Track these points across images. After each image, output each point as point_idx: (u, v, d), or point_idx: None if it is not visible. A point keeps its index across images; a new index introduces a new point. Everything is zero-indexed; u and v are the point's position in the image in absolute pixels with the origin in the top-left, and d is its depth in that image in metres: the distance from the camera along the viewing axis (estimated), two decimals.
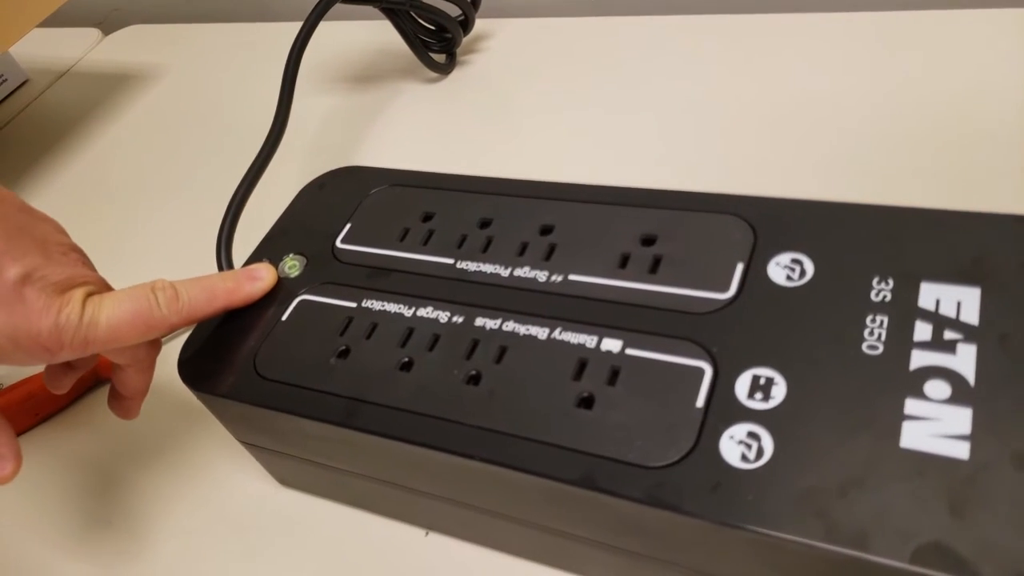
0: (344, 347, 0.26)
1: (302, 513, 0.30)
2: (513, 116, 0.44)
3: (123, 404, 0.29)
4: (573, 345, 0.23)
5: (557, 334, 0.24)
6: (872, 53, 0.40)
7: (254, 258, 0.30)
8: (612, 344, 0.23)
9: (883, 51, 0.40)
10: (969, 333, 0.20)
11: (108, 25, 0.69)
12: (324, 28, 0.45)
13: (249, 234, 0.32)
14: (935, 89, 0.37)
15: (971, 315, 0.20)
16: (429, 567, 0.28)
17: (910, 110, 0.36)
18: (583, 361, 0.23)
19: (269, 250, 0.30)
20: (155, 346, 0.28)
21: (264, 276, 0.28)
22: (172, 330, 0.26)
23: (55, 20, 0.67)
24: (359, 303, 0.27)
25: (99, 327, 0.24)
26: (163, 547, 0.31)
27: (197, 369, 0.27)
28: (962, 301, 0.21)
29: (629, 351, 0.23)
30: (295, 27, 0.42)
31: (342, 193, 0.31)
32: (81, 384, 0.37)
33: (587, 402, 0.22)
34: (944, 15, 0.40)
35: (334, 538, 0.29)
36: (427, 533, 0.29)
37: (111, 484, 0.34)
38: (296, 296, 0.28)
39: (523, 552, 0.27)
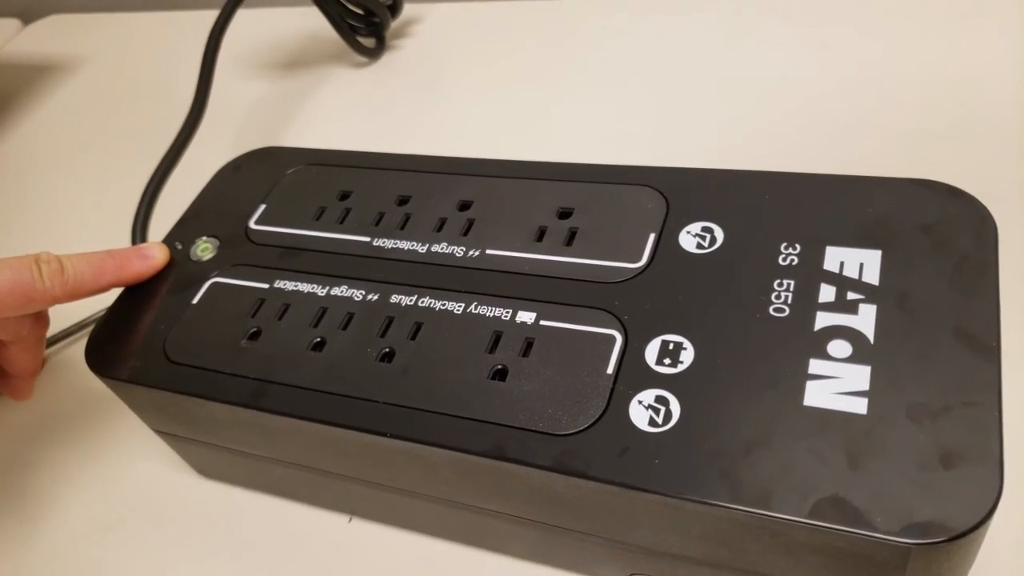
0: (255, 329, 0.25)
1: (223, 504, 0.30)
2: (443, 100, 0.44)
3: (12, 384, 0.28)
4: (488, 318, 0.23)
5: (473, 308, 0.24)
6: (806, 29, 0.40)
7: (167, 241, 0.29)
8: (527, 316, 0.23)
9: (820, 27, 0.40)
10: (870, 293, 0.20)
11: (30, 15, 0.66)
12: (251, 15, 0.44)
13: (171, 220, 0.31)
14: (858, 64, 0.38)
15: (872, 276, 0.21)
16: (353, 553, 0.27)
17: (842, 87, 0.37)
18: (498, 334, 0.23)
19: (182, 233, 0.29)
20: (41, 322, 0.27)
21: (155, 254, 0.27)
22: (54, 303, 0.25)
23: None
24: (271, 284, 0.26)
25: None
26: (81, 545, 0.30)
27: (104, 355, 0.26)
28: (864, 263, 0.21)
29: (543, 322, 0.23)
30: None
31: (258, 174, 0.30)
32: None
33: (501, 374, 0.22)
34: None
35: (257, 528, 0.29)
36: (350, 519, 0.28)
37: (25, 482, 0.32)
38: (208, 279, 0.27)
39: (445, 533, 0.26)
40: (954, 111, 0.34)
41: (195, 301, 0.26)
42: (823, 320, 0.20)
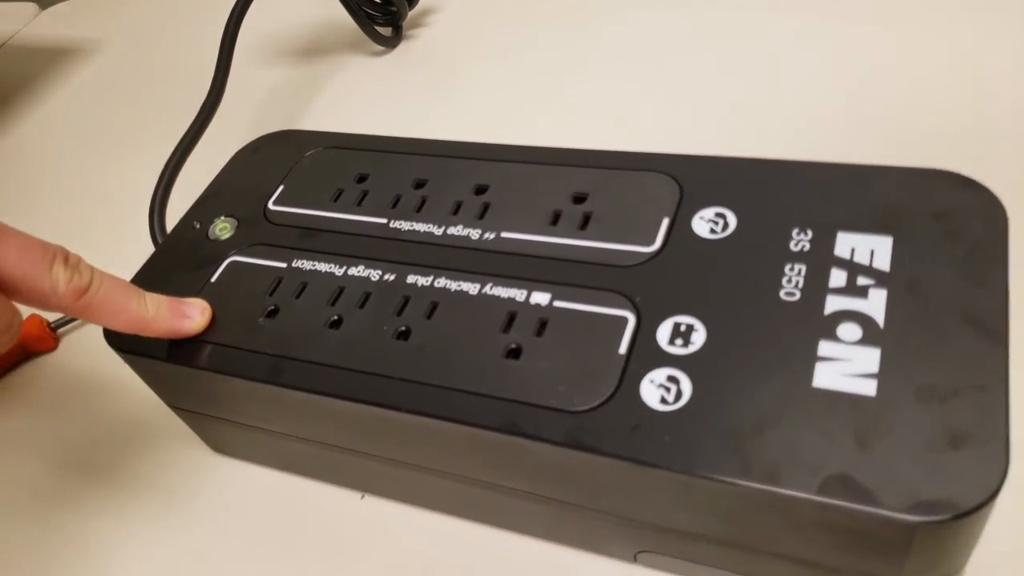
0: (273, 307, 0.25)
1: (236, 480, 0.30)
2: (459, 89, 0.44)
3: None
4: (503, 299, 0.24)
5: (488, 289, 0.24)
6: (827, 24, 0.41)
7: (185, 220, 0.29)
8: (541, 297, 0.23)
9: (842, 24, 0.40)
10: (880, 279, 0.21)
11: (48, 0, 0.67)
12: (269, 1, 0.44)
13: (188, 203, 0.31)
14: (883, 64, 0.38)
15: (883, 262, 0.21)
16: (366, 530, 0.28)
17: (868, 88, 0.37)
18: (512, 314, 0.23)
19: (200, 213, 0.29)
20: None
21: (195, 316, 0.25)
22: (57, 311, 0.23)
23: None
24: (289, 263, 0.26)
25: None
26: (94, 522, 0.30)
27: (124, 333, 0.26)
28: (875, 249, 0.21)
29: (557, 303, 0.23)
30: None
31: (276, 156, 0.31)
32: (7, 359, 0.36)
33: (515, 353, 0.22)
34: None
35: (269, 504, 0.29)
36: (363, 496, 0.28)
37: (37, 459, 0.33)
38: (226, 258, 0.27)
39: (457, 510, 0.27)
40: (967, 105, 0.34)
41: (213, 279, 0.27)
42: (833, 304, 0.21)
